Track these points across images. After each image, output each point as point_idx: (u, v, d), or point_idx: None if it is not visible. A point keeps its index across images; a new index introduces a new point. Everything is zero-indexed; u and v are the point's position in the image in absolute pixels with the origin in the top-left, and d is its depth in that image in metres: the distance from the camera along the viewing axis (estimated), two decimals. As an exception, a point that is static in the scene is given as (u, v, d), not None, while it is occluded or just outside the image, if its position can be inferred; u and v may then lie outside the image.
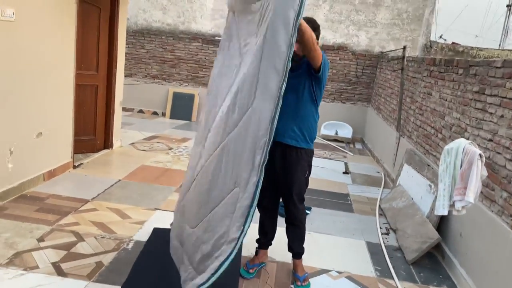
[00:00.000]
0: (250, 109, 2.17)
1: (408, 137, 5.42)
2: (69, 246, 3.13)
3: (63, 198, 4.02)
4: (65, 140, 4.72)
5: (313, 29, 2.66)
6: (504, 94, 3.04)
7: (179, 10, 9.13)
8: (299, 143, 2.83)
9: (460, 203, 2.46)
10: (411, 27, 8.54)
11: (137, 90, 9.19)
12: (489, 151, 3.14)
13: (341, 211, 4.54)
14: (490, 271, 2.86)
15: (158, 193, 4.43)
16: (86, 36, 5.16)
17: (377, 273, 3.28)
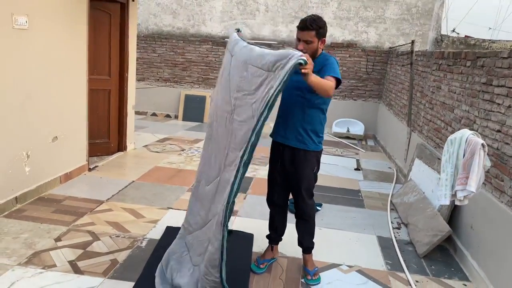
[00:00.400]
0: (219, 177, 2.55)
1: (419, 132, 5.39)
2: (85, 245, 3.23)
3: (79, 200, 4.13)
4: (80, 144, 4.85)
5: (318, 27, 2.71)
6: (511, 84, 3.03)
7: (188, 13, 9.25)
8: (308, 146, 2.87)
9: (462, 193, 2.47)
10: (421, 22, 8.48)
11: (150, 94, 9.35)
12: (498, 142, 3.13)
13: (352, 207, 4.55)
14: (502, 263, 2.85)
15: (171, 193, 4.51)
16: (97, 42, 5.29)
17: (388, 267, 3.30)
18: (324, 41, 2.80)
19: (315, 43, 2.72)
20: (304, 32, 2.71)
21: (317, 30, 2.70)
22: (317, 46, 2.75)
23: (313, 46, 2.72)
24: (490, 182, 3.18)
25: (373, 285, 3.01)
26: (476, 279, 3.11)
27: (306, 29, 2.70)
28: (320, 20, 2.75)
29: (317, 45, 2.74)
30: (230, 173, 2.44)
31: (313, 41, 2.71)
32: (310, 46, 2.72)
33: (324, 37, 2.79)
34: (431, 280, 3.15)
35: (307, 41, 2.71)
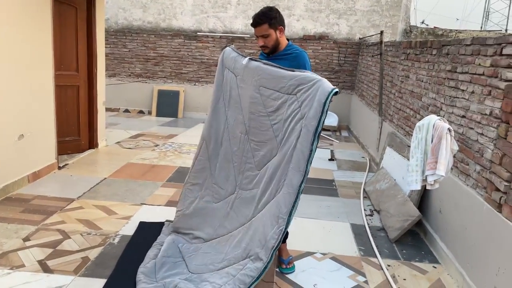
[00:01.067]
0: (275, 198, 2.60)
1: (389, 121, 5.50)
2: (55, 244, 3.16)
3: (49, 199, 4.03)
4: (48, 142, 4.72)
5: (269, 19, 2.73)
6: (473, 71, 3.12)
7: (159, 7, 9.10)
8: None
9: (432, 177, 2.53)
10: (390, 13, 8.61)
11: (122, 90, 9.18)
12: (463, 127, 3.22)
13: (326, 196, 4.61)
14: (467, 243, 2.94)
15: (144, 189, 4.45)
16: (64, 37, 5.15)
17: (361, 253, 3.36)
18: (282, 29, 2.79)
19: (272, 34, 2.75)
20: (258, 28, 2.75)
21: (269, 22, 2.72)
22: (276, 36, 2.77)
23: (271, 38, 2.76)
24: (456, 166, 3.27)
25: (346, 271, 3.06)
26: (445, 261, 3.21)
27: (258, 24, 2.74)
28: (270, 10, 2.76)
29: (275, 36, 2.77)
30: (277, 199, 2.59)
31: (269, 34, 2.74)
32: (269, 39, 2.76)
33: (281, 25, 2.78)
34: (403, 263, 3.23)
35: (263, 36, 2.75)
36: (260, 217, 2.67)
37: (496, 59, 2.82)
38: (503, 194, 2.54)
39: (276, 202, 2.58)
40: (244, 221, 2.80)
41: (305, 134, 2.49)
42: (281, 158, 2.61)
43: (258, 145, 2.75)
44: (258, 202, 2.73)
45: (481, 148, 2.89)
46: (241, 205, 2.85)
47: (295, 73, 2.60)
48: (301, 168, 2.49)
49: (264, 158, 2.72)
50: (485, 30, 12.50)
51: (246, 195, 2.83)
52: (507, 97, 2.61)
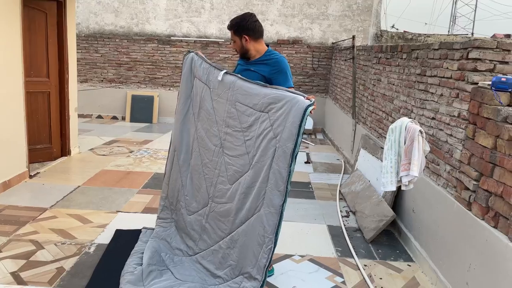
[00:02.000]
0: (256, 214, 2.60)
1: (363, 123, 5.61)
2: (28, 255, 3.07)
3: (20, 208, 3.92)
4: (19, 150, 4.59)
5: (234, 26, 2.80)
6: (442, 74, 3.23)
7: (131, 12, 9.01)
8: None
9: (407, 178, 2.61)
10: (361, 18, 8.81)
11: (94, 96, 9.01)
12: (433, 129, 3.33)
13: (303, 199, 4.66)
14: (440, 241, 3.04)
15: (120, 196, 4.39)
16: (34, 42, 5.03)
17: (338, 254, 3.41)
18: (246, 38, 2.79)
19: (237, 41, 2.83)
20: (230, 33, 2.87)
21: (234, 29, 2.82)
22: (241, 43, 2.82)
23: (236, 44, 2.85)
24: (427, 167, 3.38)
25: (324, 272, 3.11)
26: (419, 259, 3.30)
27: (229, 29, 2.88)
28: (236, 19, 2.84)
29: (240, 43, 2.82)
30: (259, 217, 2.60)
31: (235, 40, 2.85)
32: (235, 45, 2.87)
33: (247, 34, 2.79)
34: (378, 263, 3.30)
35: (232, 39, 2.88)
36: (243, 234, 2.67)
37: (463, 62, 2.94)
38: (472, 192, 2.65)
39: (259, 220, 2.59)
40: (222, 235, 2.80)
41: (281, 156, 2.49)
42: (254, 176, 2.61)
43: (232, 159, 2.76)
44: (235, 217, 2.72)
45: (451, 148, 3.00)
46: (216, 218, 2.85)
47: (269, 90, 2.59)
48: (280, 188, 2.50)
49: (236, 173, 2.73)
50: (452, 34, 12.96)
51: (220, 209, 2.83)
52: (474, 99, 2.72)
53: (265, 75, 2.78)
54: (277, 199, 2.51)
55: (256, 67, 2.82)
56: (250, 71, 2.83)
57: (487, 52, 2.79)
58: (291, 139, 2.45)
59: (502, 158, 2.33)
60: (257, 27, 2.83)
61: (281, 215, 2.53)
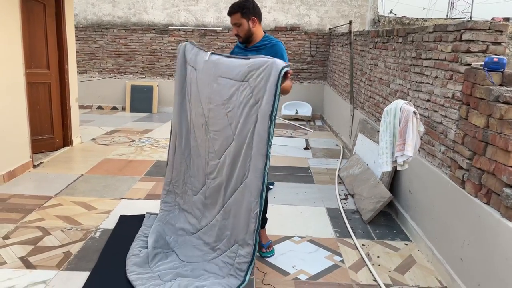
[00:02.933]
0: (244, 182, 2.68)
1: (361, 108, 5.67)
2: (36, 241, 3.17)
3: (26, 197, 4.00)
4: (22, 140, 4.66)
5: (241, 8, 2.81)
6: (436, 57, 3.28)
7: (129, 1, 9.00)
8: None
9: (401, 158, 2.68)
10: (359, 3, 8.80)
11: (94, 87, 9.05)
12: (428, 111, 3.39)
13: (302, 183, 4.74)
14: (435, 220, 3.12)
15: (123, 184, 4.47)
16: (33, 34, 5.07)
17: (336, 234, 3.51)
18: (255, 20, 2.85)
19: (244, 24, 2.83)
20: (232, 17, 2.85)
21: (241, 11, 2.81)
22: (248, 26, 2.84)
23: (243, 27, 2.83)
24: (423, 148, 3.45)
25: (323, 252, 3.20)
26: (416, 238, 3.39)
27: (231, 13, 2.84)
28: (245, 2, 2.84)
29: (248, 26, 2.84)
30: (246, 184, 2.68)
31: (241, 23, 2.82)
32: (241, 28, 2.84)
33: (254, 16, 2.84)
34: (376, 242, 3.39)
35: (236, 24, 2.84)
36: (234, 203, 2.76)
37: (456, 44, 2.99)
38: (466, 171, 2.72)
39: (246, 187, 2.66)
40: (218, 208, 2.91)
41: (262, 118, 2.55)
42: (239, 145, 2.67)
43: (216, 134, 2.81)
44: (226, 189, 2.81)
45: (445, 129, 3.07)
46: (212, 194, 2.95)
47: (249, 60, 2.64)
48: (262, 151, 2.55)
49: (221, 147, 2.79)
50: (450, 18, 12.92)
51: (213, 184, 2.92)
52: (467, 80, 2.78)
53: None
54: (260, 163, 2.56)
55: (253, 53, 2.86)
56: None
57: (479, 34, 2.83)
58: (269, 101, 2.50)
59: (494, 136, 2.40)
60: (260, 11, 2.91)
61: (264, 179, 2.57)
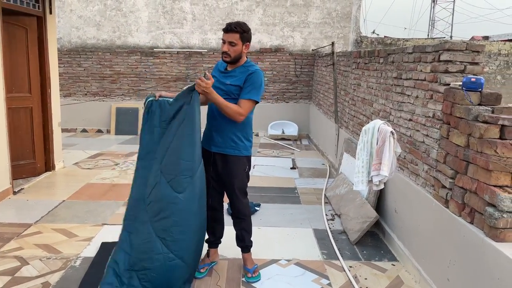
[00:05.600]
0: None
1: (345, 127, 5.71)
2: (13, 271, 3.05)
3: (4, 225, 3.88)
4: (1, 166, 4.55)
5: (242, 31, 2.82)
6: (416, 77, 3.33)
7: (113, 25, 9.03)
8: (242, 152, 2.99)
9: (377, 178, 2.68)
10: (341, 25, 8.97)
11: (78, 110, 8.97)
12: (410, 130, 3.41)
13: (289, 204, 4.71)
14: (421, 240, 3.11)
15: (105, 209, 4.38)
16: (14, 58, 5.02)
17: (323, 256, 3.46)
18: (248, 46, 2.89)
19: (239, 45, 2.83)
20: (229, 34, 2.81)
21: (241, 33, 2.82)
22: (241, 49, 2.85)
23: (237, 48, 2.82)
24: (407, 167, 3.46)
25: (310, 275, 3.15)
26: (403, 258, 3.37)
27: (230, 31, 2.81)
28: (245, 25, 2.87)
29: (241, 49, 2.85)
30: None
31: (237, 43, 2.81)
32: (234, 48, 2.82)
33: (248, 42, 2.88)
34: (363, 264, 3.36)
35: (231, 43, 2.81)
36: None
37: (435, 65, 3.04)
38: (449, 190, 2.72)
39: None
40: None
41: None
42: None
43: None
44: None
45: (427, 148, 3.09)
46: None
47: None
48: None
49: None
50: (431, 38, 13.24)
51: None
52: (447, 100, 2.81)
53: (239, 84, 2.84)
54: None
55: (233, 79, 2.87)
56: (226, 85, 2.87)
57: (457, 54, 2.89)
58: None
59: (474, 156, 2.42)
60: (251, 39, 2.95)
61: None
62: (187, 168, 2.69)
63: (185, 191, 2.68)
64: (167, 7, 8.96)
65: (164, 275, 2.65)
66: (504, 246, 2.17)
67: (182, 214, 2.68)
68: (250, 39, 2.91)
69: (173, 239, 2.67)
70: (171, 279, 2.67)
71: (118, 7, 8.96)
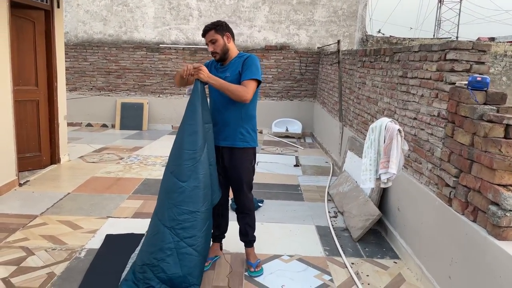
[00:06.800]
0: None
1: (350, 126, 5.71)
2: (19, 261, 3.09)
3: (10, 216, 3.93)
4: (8, 158, 4.60)
5: (215, 26, 2.91)
6: (422, 76, 3.34)
7: (120, 20, 9.06)
8: (249, 143, 3.03)
9: (385, 175, 2.69)
10: (347, 23, 8.96)
11: (84, 104, 9.02)
12: (415, 129, 3.42)
13: (292, 201, 4.73)
14: (423, 238, 3.12)
15: (110, 202, 4.42)
16: (22, 51, 5.06)
17: (326, 253, 3.48)
18: (229, 36, 2.95)
19: (220, 39, 2.90)
20: (207, 35, 2.93)
21: (215, 28, 2.91)
22: (224, 42, 2.92)
23: (219, 43, 2.91)
24: (411, 165, 3.47)
25: (312, 271, 3.17)
26: (405, 256, 3.38)
27: (206, 31, 2.93)
28: (218, 21, 2.98)
29: (223, 41, 2.91)
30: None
31: (217, 39, 2.90)
32: (217, 44, 2.91)
33: (227, 31, 2.95)
34: (365, 261, 3.37)
35: (211, 41, 2.91)
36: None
37: (441, 64, 3.05)
38: (452, 189, 2.74)
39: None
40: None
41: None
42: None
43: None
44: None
45: (432, 147, 3.10)
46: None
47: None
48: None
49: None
50: (437, 38, 13.21)
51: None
52: (452, 99, 2.82)
53: (238, 71, 2.89)
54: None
55: (230, 70, 2.91)
56: (226, 78, 2.90)
57: (463, 53, 2.89)
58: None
59: (479, 154, 2.43)
60: (232, 31, 3.01)
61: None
62: (189, 158, 2.71)
63: (189, 180, 2.70)
64: (173, 3, 8.98)
65: (177, 264, 2.66)
66: (507, 245, 2.18)
67: (189, 202, 2.69)
68: (227, 29, 2.96)
69: (182, 227, 2.67)
70: (184, 267, 2.66)
71: (125, 2, 8.99)
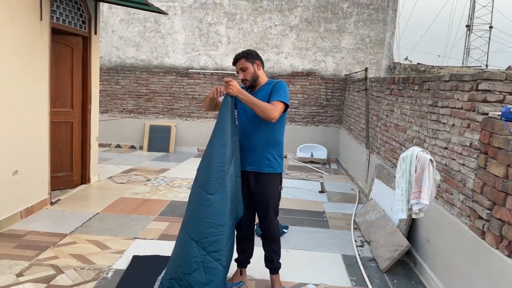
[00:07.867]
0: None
1: (377, 153, 5.66)
2: (49, 279, 3.16)
3: (42, 234, 4.03)
4: (42, 177, 4.76)
5: (246, 54, 3.02)
6: (453, 105, 3.31)
7: (151, 46, 9.39)
8: (276, 169, 3.05)
9: (417, 206, 2.65)
10: (374, 51, 9.00)
11: (114, 126, 9.29)
12: (446, 158, 3.37)
13: (317, 228, 4.67)
14: (455, 271, 3.02)
15: (137, 223, 4.48)
16: (59, 75, 5.30)
17: (352, 283, 3.41)
18: (259, 63, 3.03)
19: (250, 67, 2.99)
20: (237, 64, 3.03)
21: (245, 57, 3.00)
22: (254, 69, 3.00)
23: (249, 70, 2.99)
24: (441, 196, 3.40)
25: (338, 301, 3.10)
26: (435, 290, 3.27)
27: (237, 60, 3.03)
28: (247, 50, 3.08)
29: (253, 69, 2.99)
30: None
31: (247, 67, 2.98)
32: (247, 72, 2.99)
33: (257, 59, 3.03)
34: (394, 293, 3.28)
35: (242, 68, 3.00)
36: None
37: (473, 94, 3.02)
38: (486, 221, 2.66)
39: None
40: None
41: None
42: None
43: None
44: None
45: (463, 178, 3.03)
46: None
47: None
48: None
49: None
50: (466, 66, 13.05)
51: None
52: (484, 129, 2.78)
53: (268, 96, 2.94)
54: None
55: (260, 96, 2.96)
56: None
57: (496, 84, 2.86)
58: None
59: (513, 187, 2.36)
60: (262, 59, 3.11)
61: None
62: (218, 170, 2.74)
63: (217, 193, 2.72)
64: (203, 30, 9.26)
65: (203, 279, 2.66)
66: (545, 283, 2.09)
67: (216, 216, 2.70)
68: (257, 58, 3.05)
69: (209, 240, 2.68)
70: (211, 283, 2.66)
71: (157, 29, 9.33)
